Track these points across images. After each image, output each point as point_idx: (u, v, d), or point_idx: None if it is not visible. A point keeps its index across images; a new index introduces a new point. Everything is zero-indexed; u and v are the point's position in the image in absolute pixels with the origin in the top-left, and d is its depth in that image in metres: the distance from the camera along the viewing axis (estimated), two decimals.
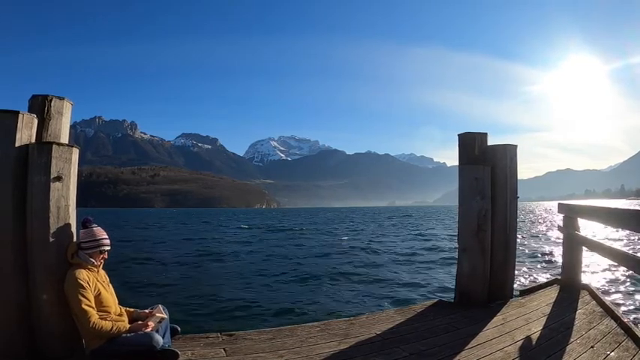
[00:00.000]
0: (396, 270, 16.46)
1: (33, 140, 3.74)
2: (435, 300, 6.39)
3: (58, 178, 3.69)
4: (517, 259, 6.61)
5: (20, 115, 3.61)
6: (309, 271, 15.91)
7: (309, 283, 13.65)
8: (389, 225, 53.21)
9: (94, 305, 3.62)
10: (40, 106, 3.87)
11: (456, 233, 6.44)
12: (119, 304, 4.03)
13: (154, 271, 16.55)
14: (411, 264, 18.02)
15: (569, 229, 6.73)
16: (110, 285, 4.02)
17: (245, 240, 30.84)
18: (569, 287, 6.56)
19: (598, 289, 6.56)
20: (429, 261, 18.77)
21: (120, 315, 3.90)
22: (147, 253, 22.58)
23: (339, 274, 15.40)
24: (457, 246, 6.38)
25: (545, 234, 31.96)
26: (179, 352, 3.80)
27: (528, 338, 4.51)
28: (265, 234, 38.18)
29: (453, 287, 6.43)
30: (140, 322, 3.87)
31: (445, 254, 20.67)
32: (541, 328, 4.84)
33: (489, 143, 6.42)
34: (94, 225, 3.92)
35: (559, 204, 7.22)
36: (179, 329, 4.33)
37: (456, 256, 6.48)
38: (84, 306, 3.54)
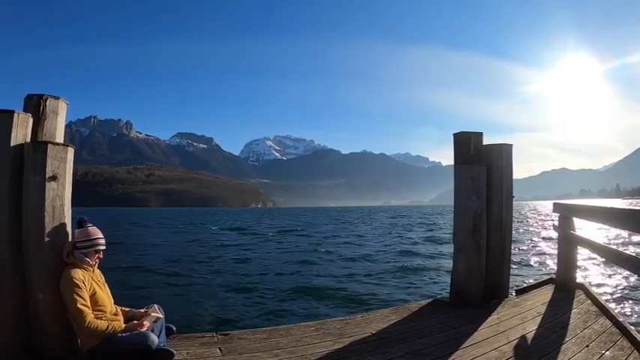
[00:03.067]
0: (392, 269, 16.49)
1: (28, 140, 3.73)
2: (431, 299, 6.41)
3: (54, 178, 3.68)
4: (512, 259, 6.62)
5: (15, 115, 3.60)
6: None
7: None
8: (383, 225, 53.05)
9: (89, 305, 3.61)
10: (35, 105, 3.86)
11: (451, 233, 6.46)
12: (115, 303, 4.02)
13: (148, 271, 16.51)
14: (406, 264, 18.03)
15: (564, 228, 6.75)
16: (106, 284, 4.01)
17: (238, 243, 30.68)
18: (564, 286, 6.57)
19: (593, 288, 6.58)
20: (426, 260, 18.80)
21: (115, 314, 3.90)
22: (138, 253, 22.64)
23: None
24: (452, 246, 6.40)
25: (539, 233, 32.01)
26: (174, 352, 3.79)
27: (523, 337, 4.52)
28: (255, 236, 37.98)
29: (449, 287, 6.45)
30: (135, 322, 3.86)
31: (441, 253, 20.72)
32: (536, 327, 4.85)
33: (485, 143, 6.43)
34: (90, 224, 3.91)
35: (554, 203, 7.23)
36: (174, 329, 4.32)
37: (451, 256, 6.49)
38: (79, 305, 3.53)
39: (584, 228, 7.11)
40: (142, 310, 4.10)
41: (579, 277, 6.97)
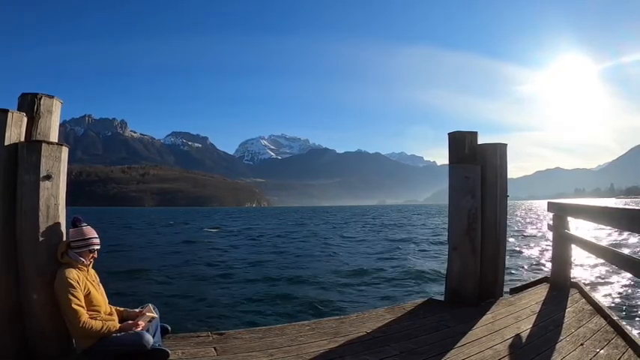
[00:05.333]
0: (386, 268, 16.51)
1: (22, 139, 3.71)
2: (426, 298, 6.41)
3: (48, 177, 3.66)
4: (506, 258, 6.62)
5: (10, 114, 3.58)
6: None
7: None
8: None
9: (84, 305, 3.60)
10: (29, 104, 3.83)
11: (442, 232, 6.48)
12: (109, 303, 4.01)
13: (142, 271, 16.48)
14: (401, 261, 18.06)
15: (558, 227, 6.76)
16: (100, 284, 4.00)
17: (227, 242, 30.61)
18: (558, 285, 6.59)
19: (587, 287, 6.60)
20: (421, 258, 18.85)
21: (110, 314, 3.88)
22: (132, 253, 22.62)
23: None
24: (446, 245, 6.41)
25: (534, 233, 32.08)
26: (170, 352, 3.79)
27: (518, 336, 4.53)
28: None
29: (444, 286, 6.46)
30: (130, 322, 3.85)
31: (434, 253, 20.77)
32: (531, 326, 4.87)
33: (479, 142, 6.45)
34: (84, 224, 3.90)
35: (549, 202, 7.24)
36: (169, 328, 4.31)
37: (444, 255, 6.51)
38: (74, 305, 3.52)
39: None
40: (137, 310, 4.08)
41: (574, 276, 6.99)
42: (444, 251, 6.74)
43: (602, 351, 4.07)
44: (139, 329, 3.76)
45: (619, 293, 10.83)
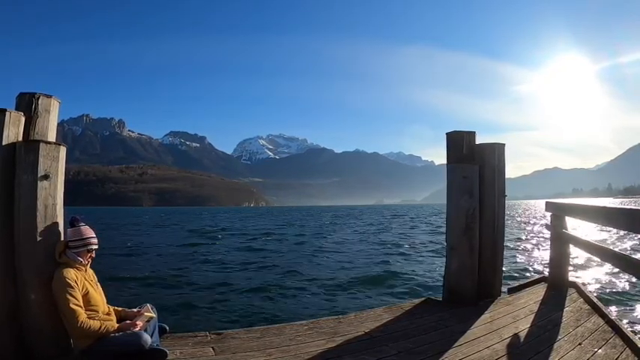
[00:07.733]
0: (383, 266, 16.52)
1: (20, 138, 3.71)
2: (424, 298, 6.41)
3: (46, 177, 3.65)
4: (504, 257, 6.62)
5: (7, 113, 3.57)
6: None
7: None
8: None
9: (82, 304, 3.59)
10: (27, 104, 3.82)
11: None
12: (107, 303, 4.00)
13: (140, 271, 16.47)
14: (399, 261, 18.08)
15: (556, 227, 6.77)
16: (98, 284, 3.99)
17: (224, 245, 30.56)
18: (556, 285, 6.60)
19: (585, 286, 6.61)
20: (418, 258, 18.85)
21: (108, 314, 3.88)
22: (129, 253, 22.59)
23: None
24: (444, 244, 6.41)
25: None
26: (168, 351, 3.78)
27: (516, 336, 4.54)
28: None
29: (442, 285, 6.46)
30: (128, 322, 3.84)
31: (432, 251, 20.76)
32: (529, 325, 4.87)
33: (477, 142, 6.45)
34: (82, 224, 3.89)
35: (547, 202, 7.25)
36: (167, 328, 4.30)
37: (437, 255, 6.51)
38: (72, 305, 3.51)
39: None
40: (135, 310, 4.08)
41: (571, 276, 7.00)
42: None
43: (600, 350, 4.08)
44: (137, 329, 3.75)
45: (617, 292, 10.82)
